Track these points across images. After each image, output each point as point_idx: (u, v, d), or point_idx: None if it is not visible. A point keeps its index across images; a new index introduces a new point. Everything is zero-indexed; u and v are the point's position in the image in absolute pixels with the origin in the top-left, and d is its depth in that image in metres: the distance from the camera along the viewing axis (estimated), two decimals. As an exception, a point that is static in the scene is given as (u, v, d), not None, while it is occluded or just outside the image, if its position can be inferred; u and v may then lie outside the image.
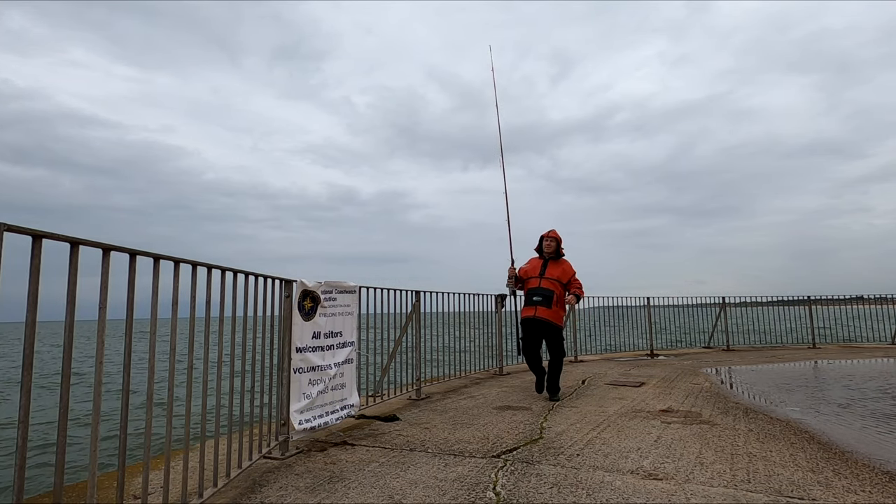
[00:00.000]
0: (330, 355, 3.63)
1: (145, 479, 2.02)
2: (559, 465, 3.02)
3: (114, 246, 1.81)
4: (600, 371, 7.38)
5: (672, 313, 11.18)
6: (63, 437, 1.57)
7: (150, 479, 2.48)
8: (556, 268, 5.20)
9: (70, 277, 1.63)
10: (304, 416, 3.35)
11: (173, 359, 2.23)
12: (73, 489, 2.72)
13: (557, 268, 5.20)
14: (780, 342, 11.62)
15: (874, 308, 11.79)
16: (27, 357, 1.44)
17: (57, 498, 1.55)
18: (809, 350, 10.48)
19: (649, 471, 2.89)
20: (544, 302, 5.05)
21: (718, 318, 11.03)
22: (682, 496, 2.50)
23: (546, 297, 5.07)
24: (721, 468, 2.92)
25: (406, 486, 2.70)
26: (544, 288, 5.10)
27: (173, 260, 2.20)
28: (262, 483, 2.79)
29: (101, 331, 1.76)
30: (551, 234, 5.29)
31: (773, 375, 6.87)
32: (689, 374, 6.91)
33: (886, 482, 2.70)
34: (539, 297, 5.08)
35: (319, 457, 3.26)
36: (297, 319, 3.34)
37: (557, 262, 5.24)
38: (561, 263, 5.25)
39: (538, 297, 5.08)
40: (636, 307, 10.38)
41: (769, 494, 2.52)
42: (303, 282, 3.42)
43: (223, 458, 2.66)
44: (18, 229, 1.46)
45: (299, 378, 3.33)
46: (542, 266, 5.23)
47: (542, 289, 5.11)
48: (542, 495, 2.54)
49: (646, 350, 10.13)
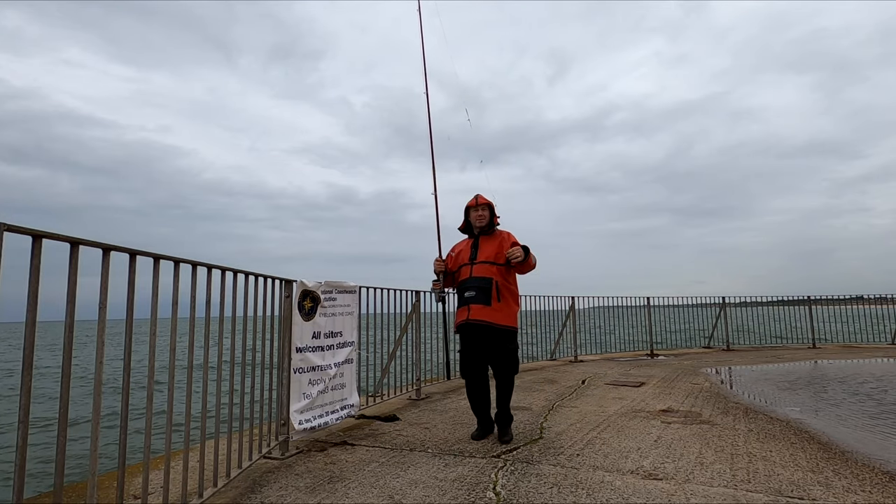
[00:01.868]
0: (330, 355, 3.63)
1: (145, 479, 2.02)
2: (559, 464, 3.02)
3: (114, 246, 1.81)
4: (600, 371, 7.38)
5: (672, 313, 11.18)
6: (63, 438, 1.57)
7: (150, 479, 2.48)
8: (491, 245, 3.68)
9: (70, 277, 1.63)
10: (304, 416, 3.34)
11: (173, 359, 2.23)
12: (73, 489, 2.72)
13: (492, 244, 3.68)
14: (780, 342, 11.62)
15: (874, 308, 11.79)
16: (27, 357, 1.44)
17: (57, 498, 1.55)
18: (809, 350, 10.47)
19: (649, 471, 2.89)
20: (479, 296, 3.54)
21: (718, 318, 11.03)
22: (682, 496, 2.50)
23: (481, 290, 3.55)
24: (721, 468, 2.92)
25: (406, 486, 2.70)
26: (477, 277, 3.59)
27: (173, 260, 2.20)
28: (262, 483, 2.79)
29: (102, 331, 1.76)
30: (480, 201, 3.76)
31: (773, 375, 6.87)
32: (689, 374, 6.91)
33: (886, 482, 2.70)
34: (472, 290, 3.58)
35: (319, 457, 3.26)
36: (297, 319, 3.34)
37: (491, 238, 3.72)
38: (496, 237, 3.72)
39: (471, 290, 3.59)
40: (636, 307, 10.39)
41: (769, 494, 2.52)
42: (303, 282, 3.42)
43: (223, 458, 2.66)
44: (18, 229, 1.46)
45: (299, 378, 3.33)
46: (472, 247, 3.75)
47: (473, 279, 3.60)
48: (542, 495, 2.54)
49: (646, 350, 10.13)
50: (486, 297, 3.53)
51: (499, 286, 3.55)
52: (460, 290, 3.72)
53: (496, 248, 3.64)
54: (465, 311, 3.61)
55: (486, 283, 3.56)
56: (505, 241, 3.66)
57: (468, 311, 3.57)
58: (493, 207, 3.79)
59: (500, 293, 3.54)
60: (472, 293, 3.57)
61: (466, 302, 3.60)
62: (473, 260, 3.68)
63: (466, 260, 3.72)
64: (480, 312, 3.52)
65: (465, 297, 3.63)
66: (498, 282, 3.56)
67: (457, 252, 3.90)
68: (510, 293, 3.63)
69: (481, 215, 3.73)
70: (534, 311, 8.44)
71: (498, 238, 3.71)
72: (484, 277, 3.57)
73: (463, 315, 3.62)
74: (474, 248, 3.73)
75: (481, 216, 3.72)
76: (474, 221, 3.75)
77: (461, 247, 3.90)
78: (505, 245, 3.62)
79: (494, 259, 3.61)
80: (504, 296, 3.57)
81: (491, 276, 3.56)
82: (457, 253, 3.89)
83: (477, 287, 3.57)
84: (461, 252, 3.83)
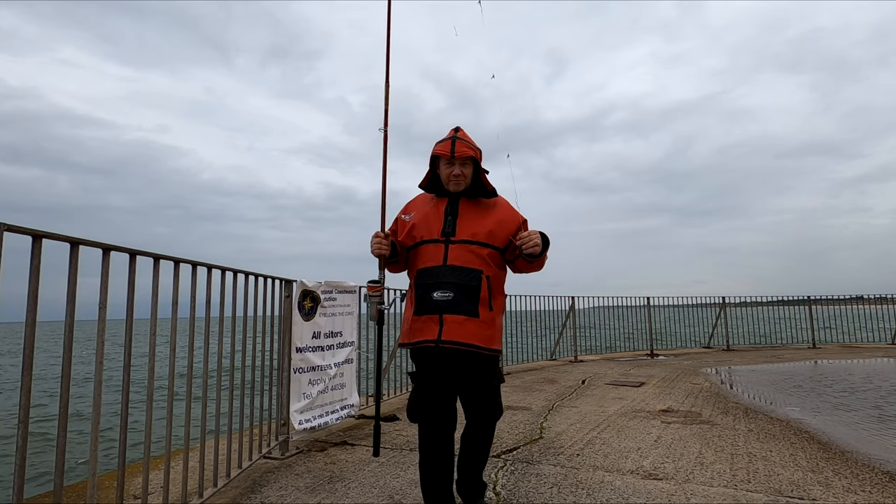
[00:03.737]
0: (330, 355, 3.63)
1: (145, 479, 2.02)
2: (559, 465, 3.02)
3: (114, 246, 1.81)
4: (600, 371, 7.38)
5: (672, 313, 11.19)
6: (63, 438, 1.57)
7: (150, 479, 2.48)
8: (481, 215, 2.24)
9: (70, 277, 1.63)
10: (304, 416, 3.35)
11: (173, 359, 2.23)
12: (73, 489, 2.72)
13: (483, 214, 2.24)
14: (780, 342, 11.62)
15: (874, 308, 11.79)
16: (27, 357, 1.44)
17: (57, 498, 1.55)
18: (809, 350, 10.48)
19: (649, 471, 2.89)
20: (460, 301, 2.12)
21: (718, 318, 11.03)
22: (682, 496, 2.50)
23: (463, 290, 2.12)
24: (721, 468, 2.92)
25: (406, 486, 2.70)
26: (456, 267, 2.14)
27: (173, 260, 2.20)
28: (262, 483, 2.79)
29: (102, 331, 1.76)
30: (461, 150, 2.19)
31: (773, 375, 6.87)
32: (689, 374, 6.91)
33: (886, 482, 2.70)
34: (446, 289, 2.12)
35: (319, 457, 3.26)
36: (297, 319, 3.34)
37: (482, 204, 2.28)
38: (490, 205, 2.29)
39: (445, 290, 2.12)
40: (636, 307, 10.39)
41: (769, 494, 2.52)
42: (303, 282, 3.42)
43: (223, 458, 2.66)
44: (18, 229, 1.46)
45: (299, 378, 3.33)
46: (447, 213, 2.24)
47: (449, 269, 2.14)
48: (542, 495, 2.55)
49: (646, 350, 10.13)
50: (470, 302, 2.12)
51: (491, 285, 2.17)
52: (422, 285, 2.18)
53: (492, 222, 2.21)
54: (431, 322, 2.13)
55: (471, 279, 2.13)
56: (506, 214, 2.26)
57: (440, 324, 2.11)
58: (480, 159, 2.26)
59: (492, 297, 2.17)
60: (448, 294, 2.11)
61: (436, 308, 2.12)
62: (449, 235, 2.19)
63: (436, 234, 2.21)
64: (461, 329, 2.09)
65: (433, 298, 2.13)
66: (490, 278, 2.17)
67: (415, 216, 2.31)
68: (501, 298, 2.28)
69: (459, 176, 2.20)
70: (534, 311, 8.45)
71: (494, 207, 2.28)
72: (468, 269, 2.13)
73: (428, 330, 2.13)
74: (450, 216, 2.22)
75: (459, 177, 2.21)
76: (446, 180, 2.24)
77: (423, 208, 2.32)
78: (507, 220, 2.24)
79: (487, 238, 2.18)
80: (498, 301, 2.22)
81: (479, 268, 2.15)
82: (415, 217, 2.30)
83: (455, 285, 2.12)
84: (425, 217, 2.27)
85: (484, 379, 2.20)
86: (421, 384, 2.19)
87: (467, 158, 2.20)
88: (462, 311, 2.11)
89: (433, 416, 2.13)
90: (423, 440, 2.15)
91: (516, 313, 8.06)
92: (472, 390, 2.22)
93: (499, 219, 2.23)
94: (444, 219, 2.22)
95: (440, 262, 2.16)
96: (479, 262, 2.16)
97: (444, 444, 2.12)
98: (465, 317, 2.11)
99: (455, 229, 2.19)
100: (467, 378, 2.18)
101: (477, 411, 2.26)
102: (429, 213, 2.27)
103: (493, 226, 2.21)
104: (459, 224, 2.20)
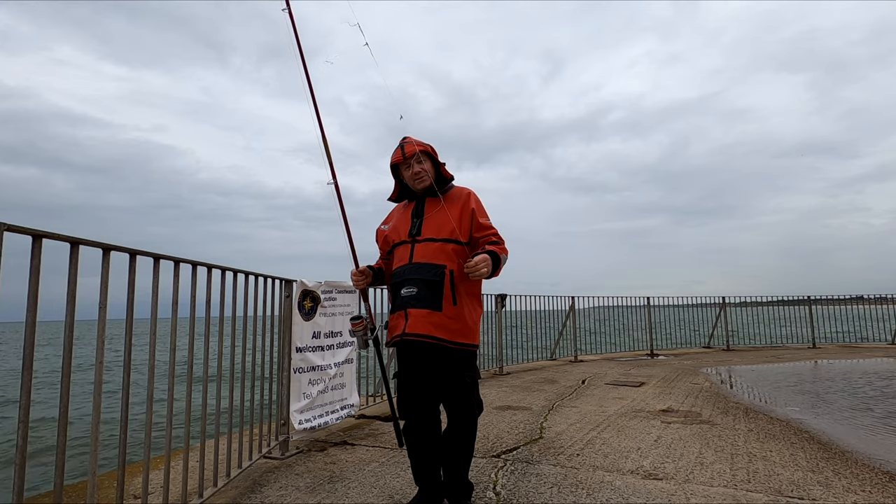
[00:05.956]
0: (330, 355, 3.63)
1: (145, 479, 2.02)
2: (559, 464, 3.02)
3: (114, 246, 1.81)
4: (600, 371, 7.38)
5: (672, 313, 11.19)
6: (63, 438, 1.57)
7: (150, 479, 2.48)
8: (443, 211, 2.35)
9: (70, 277, 1.63)
10: (304, 416, 3.35)
11: (173, 359, 2.23)
12: (73, 489, 2.72)
13: (444, 211, 2.35)
14: (780, 342, 11.62)
15: (874, 308, 11.79)
16: (27, 357, 1.44)
17: (57, 498, 1.55)
18: (809, 350, 10.48)
19: (649, 471, 2.89)
20: (423, 296, 2.23)
21: (718, 318, 11.04)
22: (682, 496, 2.50)
23: (427, 285, 2.24)
24: (721, 468, 2.92)
25: (406, 486, 2.70)
26: (421, 265, 2.27)
27: (173, 260, 2.20)
28: (262, 483, 2.79)
29: (102, 331, 1.76)
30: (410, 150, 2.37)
31: (773, 375, 6.87)
32: (689, 374, 6.91)
33: (886, 482, 2.70)
34: (411, 285, 2.26)
35: (319, 457, 3.26)
36: (297, 319, 3.34)
37: (444, 201, 2.37)
38: (452, 200, 2.39)
39: (410, 286, 2.27)
40: (636, 307, 10.40)
41: (769, 494, 2.52)
42: (303, 282, 3.42)
43: (223, 457, 2.66)
44: (18, 229, 1.46)
45: (299, 378, 3.33)
46: (414, 215, 2.42)
47: (414, 267, 2.28)
48: (542, 495, 2.55)
49: (646, 350, 10.13)
50: (433, 297, 2.21)
51: (455, 280, 2.24)
52: (393, 285, 2.37)
53: (454, 218, 2.31)
54: (400, 318, 2.27)
55: (434, 275, 2.23)
56: (461, 202, 2.36)
57: (405, 318, 2.24)
58: (436, 155, 2.42)
59: (456, 291, 2.23)
60: (412, 290, 2.24)
61: (403, 304, 2.27)
62: (415, 236, 2.34)
63: (404, 236, 2.37)
64: (423, 322, 2.19)
65: (401, 295, 2.29)
66: (454, 272, 2.24)
67: (390, 224, 2.51)
68: (470, 292, 2.32)
69: (420, 173, 2.35)
70: (534, 311, 8.45)
71: (456, 201, 2.37)
72: (431, 265, 2.25)
73: (398, 325, 2.27)
74: (417, 217, 2.39)
75: (420, 174, 2.36)
76: (412, 182, 2.40)
77: (396, 214, 2.54)
78: (467, 214, 2.34)
79: (450, 235, 2.28)
80: (462, 295, 2.26)
81: (443, 263, 2.24)
82: (390, 226, 2.50)
83: (420, 280, 2.24)
84: (396, 223, 2.47)
85: (454, 374, 2.25)
86: (399, 378, 2.37)
87: (420, 154, 2.36)
88: (425, 305, 2.22)
89: (411, 411, 2.31)
90: (405, 432, 2.38)
91: (516, 313, 8.07)
92: (443, 385, 2.27)
93: (460, 212, 2.35)
94: (411, 221, 2.41)
95: (408, 261, 2.33)
96: (444, 257, 2.27)
97: (426, 433, 2.31)
98: (429, 310, 2.21)
99: (420, 229, 2.36)
100: (437, 373, 2.26)
101: (452, 407, 2.32)
102: (399, 218, 2.49)
103: (456, 221, 2.32)
104: (425, 224, 2.36)
